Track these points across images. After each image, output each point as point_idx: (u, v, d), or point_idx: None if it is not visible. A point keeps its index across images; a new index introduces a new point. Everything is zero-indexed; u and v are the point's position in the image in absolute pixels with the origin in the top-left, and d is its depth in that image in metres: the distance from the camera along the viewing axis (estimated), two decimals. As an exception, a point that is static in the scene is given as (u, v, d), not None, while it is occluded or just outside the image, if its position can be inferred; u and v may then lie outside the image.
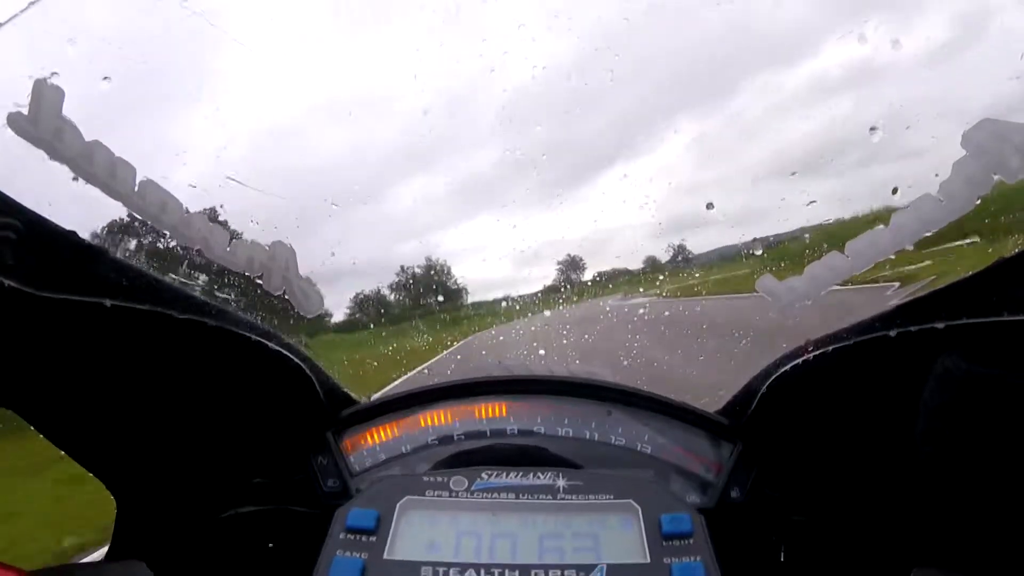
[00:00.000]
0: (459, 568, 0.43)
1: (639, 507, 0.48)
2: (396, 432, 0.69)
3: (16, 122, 0.40)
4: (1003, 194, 0.41)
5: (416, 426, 0.69)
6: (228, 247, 0.50)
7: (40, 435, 0.54)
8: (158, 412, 0.59)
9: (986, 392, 0.44)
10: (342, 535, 0.46)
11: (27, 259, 0.40)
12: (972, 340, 0.44)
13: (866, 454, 0.57)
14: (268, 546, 0.65)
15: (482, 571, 0.43)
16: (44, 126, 0.41)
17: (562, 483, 0.50)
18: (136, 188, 0.45)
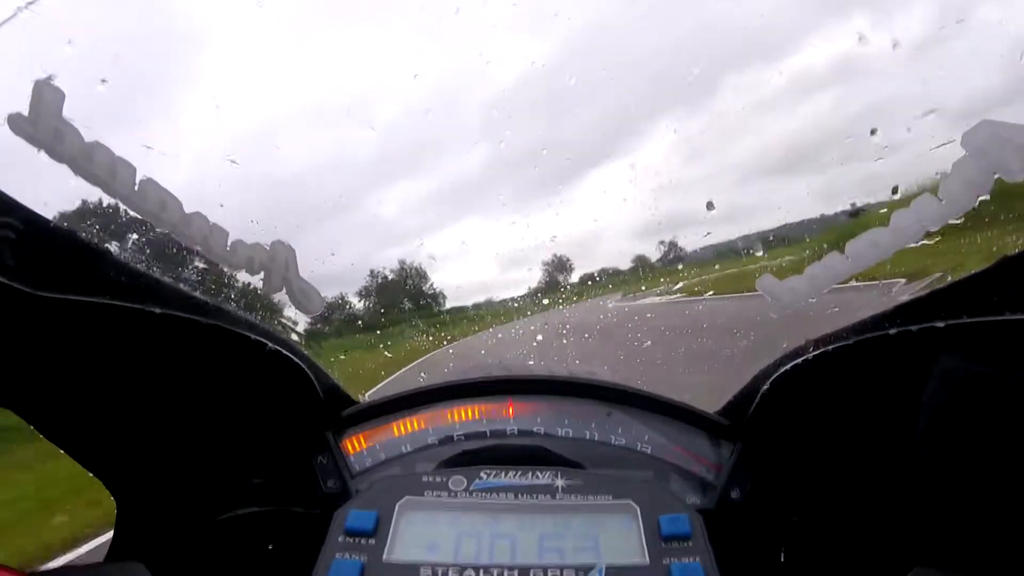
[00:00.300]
0: (458, 569, 0.43)
1: (638, 507, 0.48)
2: (396, 432, 0.69)
3: (16, 123, 0.40)
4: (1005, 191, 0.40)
5: (416, 426, 0.69)
6: (228, 247, 0.50)
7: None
8: (158, 412, 0.59)
9: (986, 391, 0.44)
10: (341, 537, 0.46)
11: (27, 259, 0.40)
12: (972, 339, 0.44)
13: (866, 454, 0.57)
14: (268, 547, 0.65)
15: (481, 572, 0.43)
16: (44, 127, 0.41)
17: (561, 483, 0.50)
18: (136, 187, 0.45)
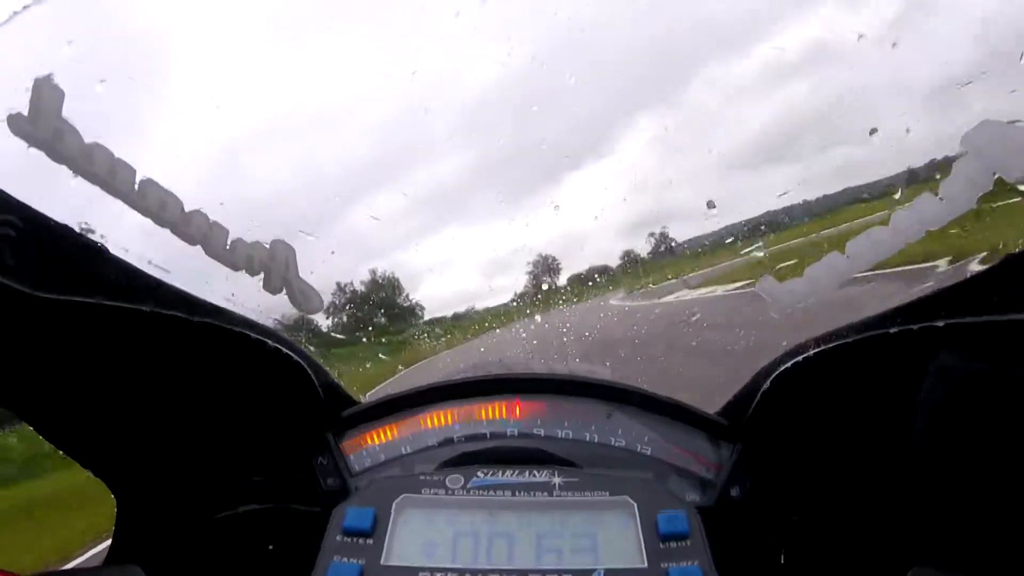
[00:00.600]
0: (456, 573, 0.43)
1: (635, 504, 0.48)
2: (396, 432, 0.69)
3: (16, 122, 0.40)
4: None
5: (416, 426, 0.69)
6: (228, 246, 0.50)
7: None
8: (158, 411, 0.59)
9: (985, 390, 0.44)
10: (339, 537, 0.46)
11: (27, 259, 0.40)
12: (972, 339, 0.44)
13: (866, 453, 0.57)
14: (267, 547, 0.65)
15: (479, 575, 0.43)
16: (44, 127, 0.41)
17: (558, 480, 0.50)
18: (136, 187, 0.45)
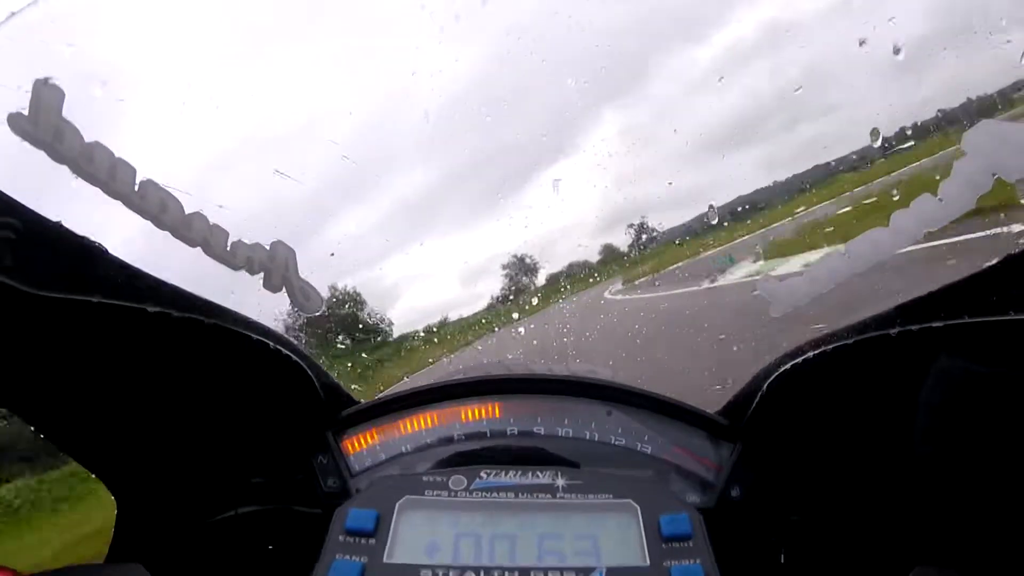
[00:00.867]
0: (458, 571, 0.43)
1: (638, 507, 0.48)
2: (396, 432, 0.69)
3: (16, 122, 0.40)
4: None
5: (416, 426, 0.69)
6: (228, 247, 0.50)
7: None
8: (158, 411, 0.59)
9: (985, 391, 0.44)
10: (341, 537, 0.46)
11: (27, 259, 0.40)
12: (972, 339, 0.44)
13: (866, 453, 0.57)
14: (268, 547, 0.65)
15: (481, 573, 0.43)
16: (44, 127, 0.41)
17: (561, 482, 0.50)
18: (136, 188, 0.45)
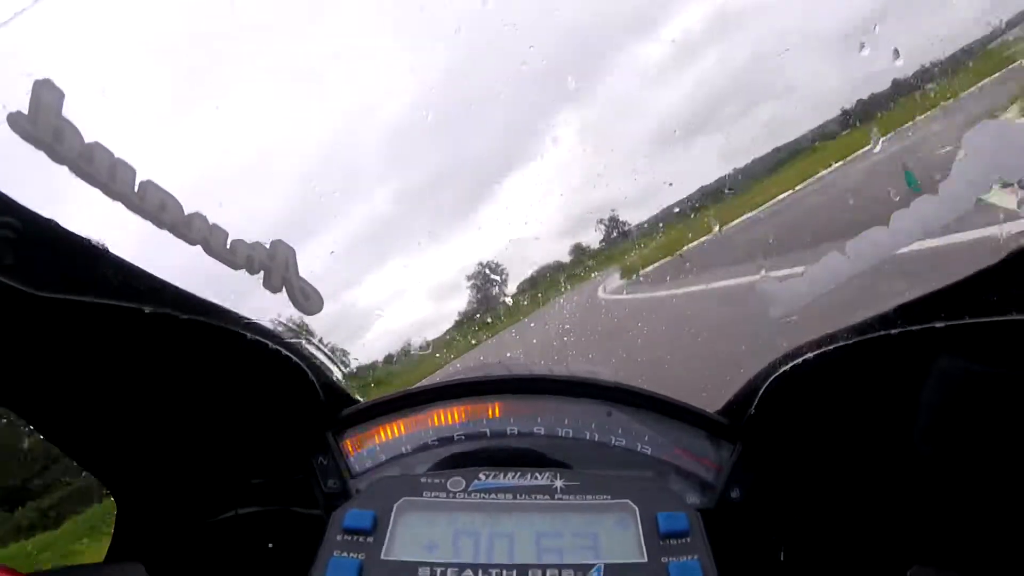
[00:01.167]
0: (456, 569, 0.43)
1: (636, 507, 0.48)
2: (396, 432, 0.69)
3: (16, 122, 0.40)
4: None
5: (416, 426, 0.69)
6: (228, 246, 0.50)
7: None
8: (158, 412, 0.59)
9: (985, 391, 0.44)
10: (339, 536, 0.46)
11: (27, 259, 0.40)
12: (972, 340, 0.44)
13: (866, 454, 0.57)
14: (268, 547, 0.65)
15: (480, 571, 0.43)
16: (44, 126, 0.41)
17: (560, 483, 0.50)
18: (136, 188, 0.45)
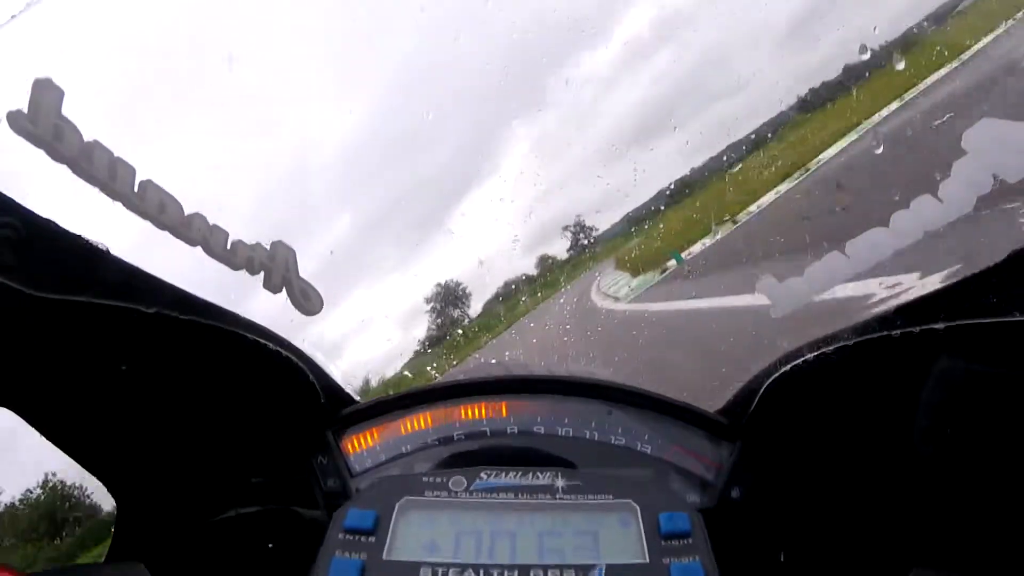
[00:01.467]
0: (458, 569, 0.43)
1: (638, 507, 0.48)
2: (396, 432, 0.69)
3: (16, 121, 0.40)
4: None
5: (416, 426, 0.69)
6: (228, 247, 0.50)
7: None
8: (158, 412, 0.59)
9: (985, 392, 0.44)
10: (340, 535, 0.46)
11: (27, 259, 0.40)
12: (972, 340, 0.44)
13: (866, 454, 0.57)
14: (268, 546, 0.65)
15: (481, 571, 0.43)
16: (44, 125, 0.41)
17: (561, 483, 0.50)
18: (135, 188, 0.45)
